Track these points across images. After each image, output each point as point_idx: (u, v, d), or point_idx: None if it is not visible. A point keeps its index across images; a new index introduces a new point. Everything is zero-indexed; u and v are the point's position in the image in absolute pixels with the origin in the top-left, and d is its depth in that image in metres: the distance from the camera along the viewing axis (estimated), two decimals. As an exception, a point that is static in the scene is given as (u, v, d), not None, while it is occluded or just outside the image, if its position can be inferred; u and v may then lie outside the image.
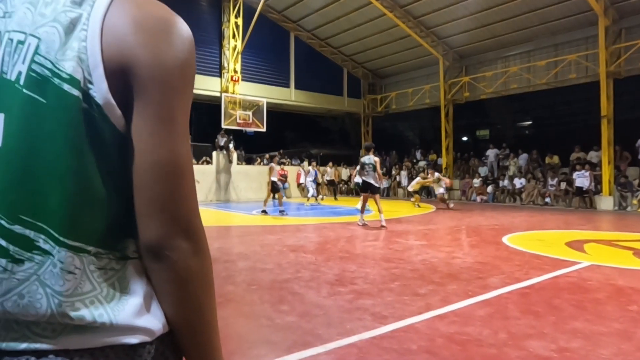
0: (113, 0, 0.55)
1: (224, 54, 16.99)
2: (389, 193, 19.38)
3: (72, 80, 0.51)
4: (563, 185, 13.97)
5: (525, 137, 20.60)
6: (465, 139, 22.26)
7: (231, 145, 16.79)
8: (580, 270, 4.72)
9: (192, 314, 0.59)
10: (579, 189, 13.32)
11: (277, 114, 19.87)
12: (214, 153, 16.29)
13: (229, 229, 8.63)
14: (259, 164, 18.72)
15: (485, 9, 14.57)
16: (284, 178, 17.72)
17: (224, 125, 16.27)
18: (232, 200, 16.26)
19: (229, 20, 16.92)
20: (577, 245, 6.35)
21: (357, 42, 18.93)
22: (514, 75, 15.88)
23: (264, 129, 17.48)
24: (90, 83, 0.52)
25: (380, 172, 8.56)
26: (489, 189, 16.03)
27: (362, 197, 8.71)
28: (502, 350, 2.54)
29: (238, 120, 16.70)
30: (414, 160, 19.92)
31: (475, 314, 3.22)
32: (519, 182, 15.23)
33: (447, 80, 17.71)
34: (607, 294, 3.78)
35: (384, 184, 18.07)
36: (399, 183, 19.12)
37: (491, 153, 17.24)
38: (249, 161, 19.11)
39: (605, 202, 12.95)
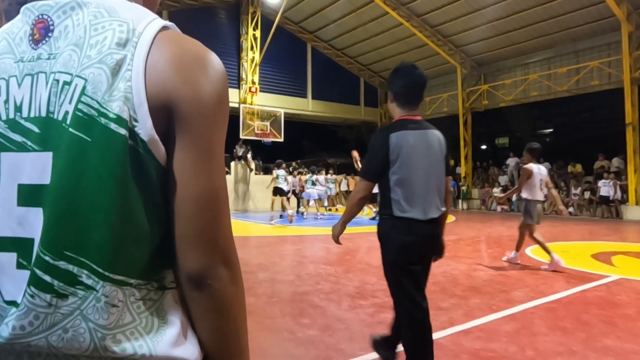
0: (154, 40, 0.57)
1: (242, 65, 17.25)
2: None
3: (119, 120, 0.53)
4: (587, 194, 13.64)
5: (546, 145, 20.19)
6: (484, 147, 21.96)
7: (249, 155, 16.95)
8: (609, 284, 4.57)
9: (231, 340, 0.61)
10: (604, 198, 12.97)
11: (294, 124, 20.01)
12: (232, 163, 16.45)
13: (247, 239, 8.67)
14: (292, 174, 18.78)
15: (503, 16, 14.45)
16: (302, 188, 17.75)
17: (242, 136, 16.46)
18: (250, 210, 16.36)
19: (247, 33, 17.19)
20: (604, 258, 6.17)
21: (374, 51, 18.99)
22: (534, 82, 15.65)
23: (281, 139, 17.60)
24: (136, 120, 0.54)
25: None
26: (514, 196, 15.70)
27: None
28: (530, 369, 2.47)
29: (256, 131, 16.87)
30: (432, 169, 19.73)
31: (501, 329, 3.15)
32: (540, 191, 14.89)
33: (465, 89, 17.57)
34: (639, 309, 3.65)
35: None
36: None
37: (511, 162, 16.94)
38: (267, 171, 19.21)
39: (632, 211, 12.57)
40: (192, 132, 0.57)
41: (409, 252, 2.06)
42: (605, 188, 12.95)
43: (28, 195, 0.56)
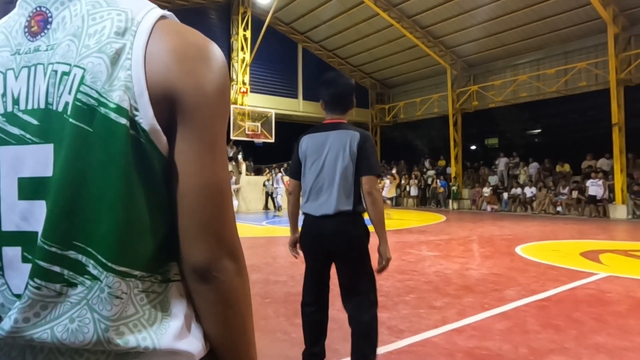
0: (153, 29, 0.56)
1: (233, 66, 17.19)
2: (400, 203, 19.31)
3: (119, 109, 0.52)
4: (575, 193, 13.83)
5: (535, 145, 20.40)
6: (474, 147, 22.13)
7: (240, 156, 16.89)
8: (598, 282, 4.63)
9: (237, 333, 0.60)
10: (592, 197, 13.16)
11: (285, 125, 19.96)
12: (223, 164, 16.38)
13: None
14: (267, 174, 18.80)
15: (493, 18, 14.60)
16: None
17: (232, 137, 16.40)
18: (242, 212, 16.29)
19: (237, 33, 17.14)
20: (592, 256, 6.25)
21: (366, 52, 19.05)
22: (523, 83, 15.84)
23: (272, 140, 17.58)
24: (137, 110, 0.53)
25: None
26: (505, 196, 15.90)
27: None
28: (524, 366, 2.49)
29: (247, 132, 16.83)
30: (423, 170, 19.86)
31: (494, 327, 3.18)
32: (529, 191, 15.09)
33: (456, 90, 17.70)
34: (628, 306, 3.70)
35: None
36: (409, 192, 19.05)
37: (501, 162, 17.12)
38: (258, 172, 19.18)
39: (619, 210, 12.77)
40: (195, 123, 0.56)
41: (303, 245, 2.29)
42: (594, 187, 13.15)
43: (30, 188, 0.55)
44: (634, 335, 2.98)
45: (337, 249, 2.17)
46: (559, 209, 14.13)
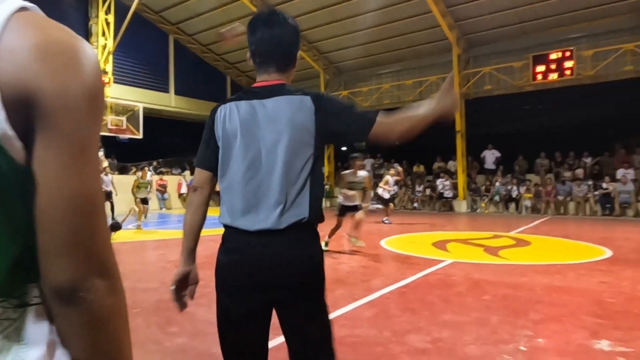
0: (9, 21, 0.50)
1: (92, 52, 15.41)
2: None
3: None
4: (428, 191, 15.81)
5: (396, 148, 22.68)
6: (344, 148, 23.64)
7: (101, 153, 15.21)
8: (445, 268, 5.38)
9: (112, 356, 0.56)
10: (441, 194, 15.24)
11: (155, 120, 18.63)
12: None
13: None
14: (134, 173, 17.31)
15: (361, 29, 15.76)
16: (162, 188, 16.70)
17: (92, 131, 14.70)
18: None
19: (97, 17, 15.44)
20: (441, 245, 7.23)
21: (240, 50, 18.82)
22: (386, 91, 17.45)
23: (140, 136, 16.26)
24: None
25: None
26: (372, 194, 17.29)
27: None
28: (388, 347, 2.78)
29: (109, 126, 15.26)
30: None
31: (362, 315, 3.46)
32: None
33: (328, 94, 18.64)
34: (466, 287, 4.38)
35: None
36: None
37: (367, 162, 18.61)
38: (123, 170, 17.52)
39: (461, 205, 14.98)
40: (59, 129, 0.51)
41: (223, 284, 1.35)
42: (442, 186, 15.29)
43: None
44: (471, 311, 3.55)
45: (288, 291, 1.31)
46: (415, 204, 15.96)
